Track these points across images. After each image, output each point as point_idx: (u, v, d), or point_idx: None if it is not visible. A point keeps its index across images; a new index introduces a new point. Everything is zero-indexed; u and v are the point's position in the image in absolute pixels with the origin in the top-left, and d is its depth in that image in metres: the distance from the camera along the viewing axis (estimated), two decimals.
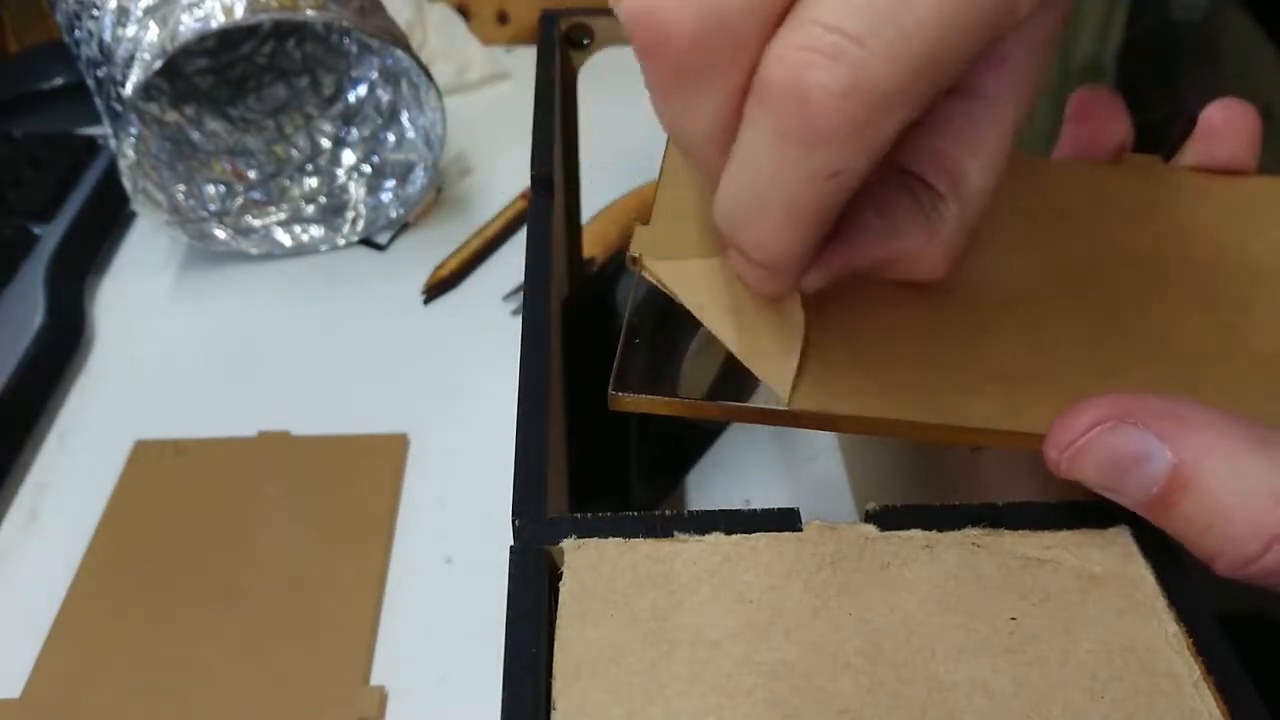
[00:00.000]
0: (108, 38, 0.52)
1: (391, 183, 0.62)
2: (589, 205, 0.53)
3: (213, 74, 0.64)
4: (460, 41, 0.76)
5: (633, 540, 0.20)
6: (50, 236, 0.57)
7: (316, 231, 0.61)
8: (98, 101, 0.55)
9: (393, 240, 0.62)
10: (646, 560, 0.20)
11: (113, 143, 0.53)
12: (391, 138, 0.63)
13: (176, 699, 0.38)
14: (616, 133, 0.53)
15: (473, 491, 0.47)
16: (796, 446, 0.49)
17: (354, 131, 0.64)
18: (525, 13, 0.83)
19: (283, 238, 0.61)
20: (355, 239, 0.62)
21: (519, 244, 0.62)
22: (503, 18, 0.83)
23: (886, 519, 0.21)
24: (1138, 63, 0.46)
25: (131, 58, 0.51)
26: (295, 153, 0.63)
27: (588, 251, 0.53)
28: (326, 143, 0.64)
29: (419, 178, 0.61)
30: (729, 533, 0.21)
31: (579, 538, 0.20)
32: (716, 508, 0.22)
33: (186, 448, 0.48)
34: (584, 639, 0.19)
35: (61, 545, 0.44)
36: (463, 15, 0.79)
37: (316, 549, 0.44)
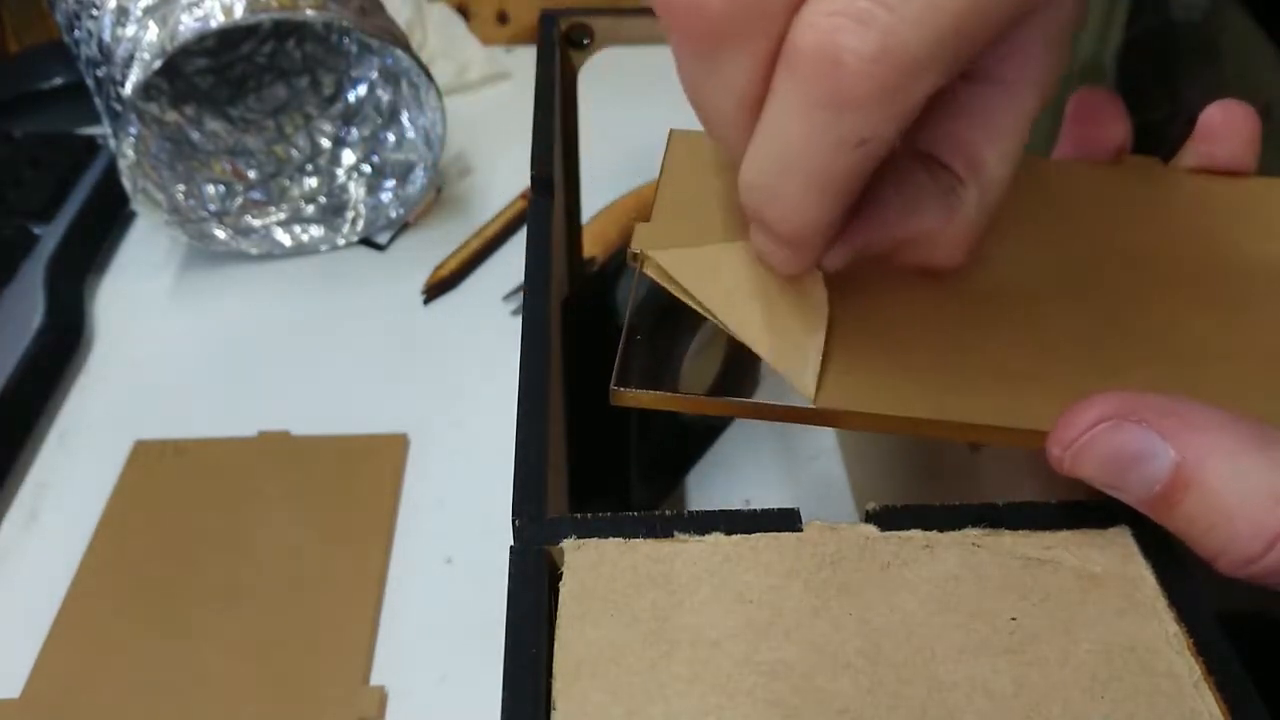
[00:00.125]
0: (107, 37, 0.52)
1: (391, 183, 0.62)
2: (589, 205, 0.53)
3: (213, 74, 0.64)
4: (460, 41, 0.76)
5: (633, 540, 0.20)
6: (50, 236, 0.57)
7: (316, 231, 0.61)
8: (97, 101, 0.55)
9: (393, 240, 0.62)
10: (646, 560, 0.20)
11: (112, 143, 0.53)
12: (391, 138, 0.63)
13: (176, 699, 0.38)
14: (616, 133, 0.53)
15: (473, 491, 0.47)
16: (796, 446, 0.49)
17: (354, 131, 0.64)
18: (525, 13, 0.83)
19: (283, 238, 0.61)
20: (355, 239, 0.62)
21: (519, 244, 0.62)
22: (503, 18, 0.83)
23: (886, 519, 0.21)
24: (1138, 63, 0.46)
25: (131, 57, 0.51)
26: (295, 153, 0.63)
27: (588, 251, 0.53)
28: (326, 143, 0.64)
29: (419, 178, 0.61)
30: (729, 533, 0.21)
31: (579, 538, 0.20)
32: (716, 508, 0.22)
33: (186, 448, 0.48)
34: (584, 639, 0.19)
35: (61, 545, 0.44)
36: (463, 15, 0.79)
37: (316, 549, 0.44)
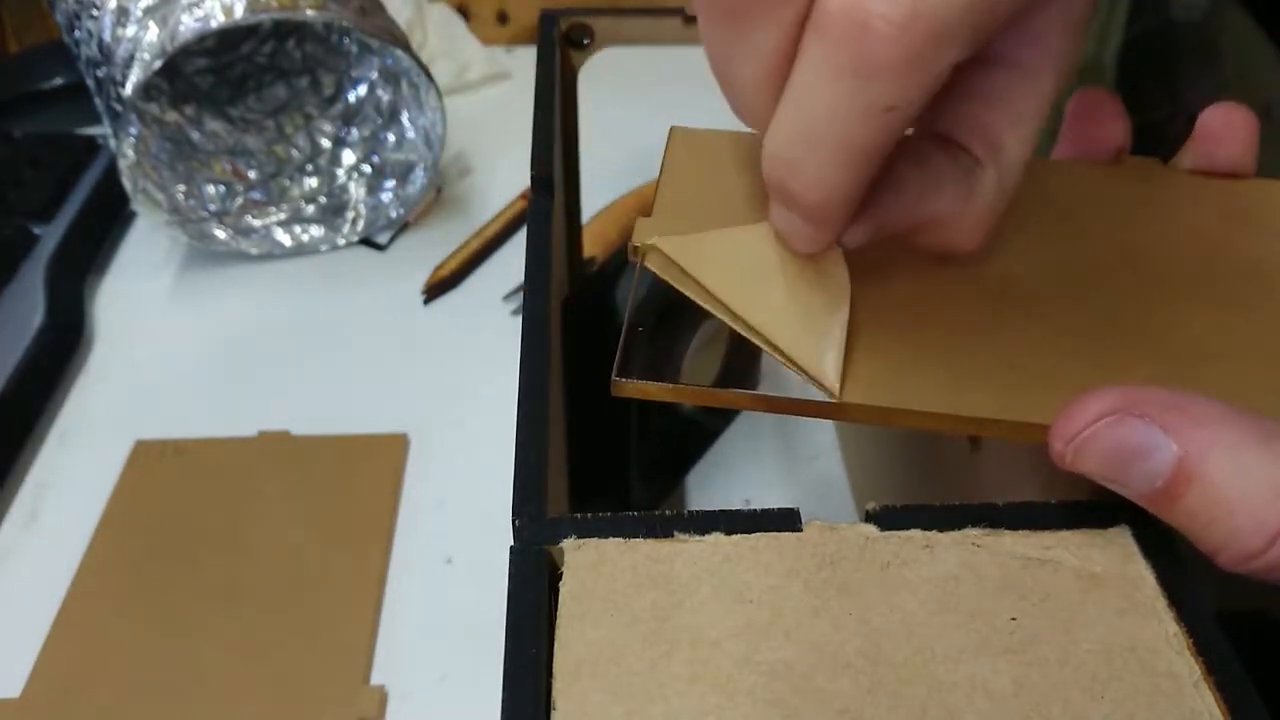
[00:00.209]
0: (107, 38, 0.52)
1: (391, 183, 0.62)
2: (589, 205, 0.53)
3: (213, 74, 0.64)
4: (460, 41, 0.76)
5: (633, 540, 0.20)
6: (50, 236, 0.57)
7: (316, 231, 0.61)
8: (98, 101, 0.55)
9: (393, 240, 0.62)
10: (646, 560, 0.20)
11: (113, 143, 0.53)
12: (391, 138, 0.63)
13: (176, 699, 0.38)
14: (616, 133, 0.53)
15: (473, 491, 0.47)
16: (796, 446, 0.49)
17: (354, 131, 0.64)
18: (525, 13, 0.83)
19: (283, 238, 0.61)
20: (355, 239, 0.62)
21: (519, 244, 0.62)
22: (503, 18, 0.83)
23: (886, 519, 0.21)
24: (1138, 63, 0.46)
25: (131, 58, 0.51)
26: (295, 153, 0.63)
27: (588, 251, 0.53)
28: (326, 143, 0.64)
29: (419, 178, 0.61)
30: (729, 533, 0.21)
31: (579, 538, 0.20)
32: (716, 508, 0.22)
33: (186, 448, 0.48)
34: (584, 639, 0.19)
35: (61, 545, 0.44)
36: (463, 15, 0.79)
37: (316, 549, 0.44)
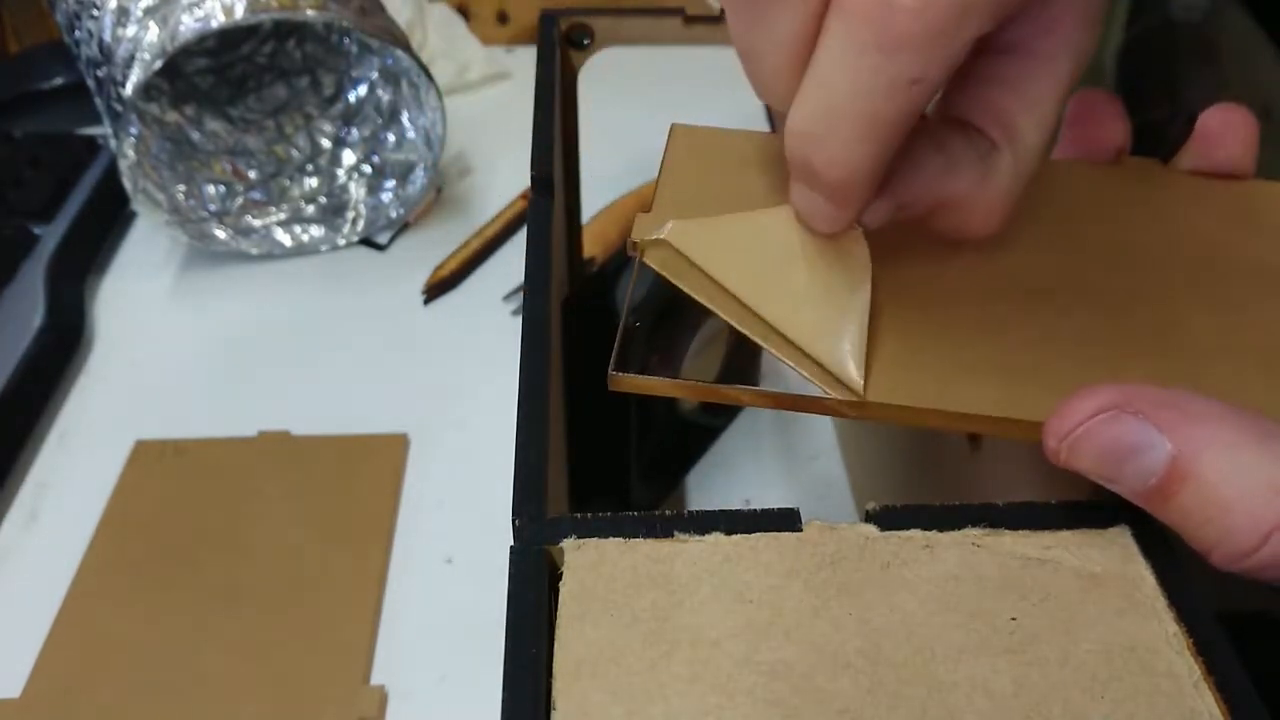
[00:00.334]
0: (108, 38, 0.52)
1: (391, 183, 0.62)
2: (589, 205, 0.53)
3: (213, 74, 0.64)
4: (460, 41, 0.76)
5: (633, 540, 0.20)
6: (50, 236, 0.57)
7: (316, 231, 0.61)
8: (98, 101, 0.55)
9: (393, 240, 0.62)
10: (646, 560, 0.20)
11: (113, 143, 0.53)
12: (391, 138, 0.63)
13: (176, 699, 0.38)
14: (616, 133, 0.53)
15: (473, 491, 0.47)
16: (796, 446, 0.49)
17: (354, 131, 0.64)
18: (525, 13, 0.83)
19: (283, 238, 0.61)
20: (355, 239, 0.62)
21: (519, 244, 0.62)
22: (503, 18, 0.83)
23: (886, 519, 0.21)
24: (1138, 63, 0.46)
25: (131, 58, 0.51)
26: (295, 153, 0.63)
27: (588, 251, 0.53)
28: (326, 143, 0.64)
29: (419, 178, 0.61)
30: (729, 533, 0.21)
31: (579, 538, 0.20)
32: (716, 508, 0.22)
33: (186, 448, 0.48)
34: (584, 639, 0.19)
35: (61, 545, 0.44)
36: (463, 15, 0.79)
37: (316, 549, 0.44)
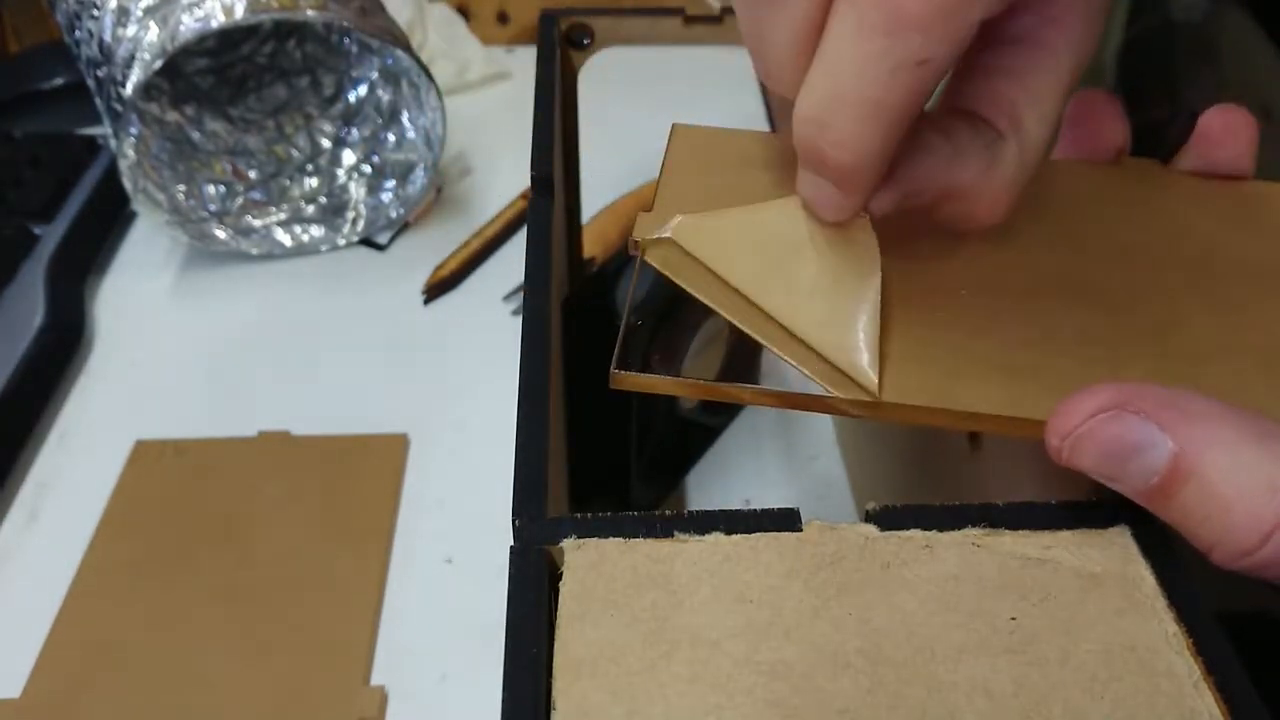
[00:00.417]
0: (108, 38, 0.52)
1: (391, 183, 0.62)
2: (589, 205, 0.53)
3: (213, 74, 0.64)
4: (460, 41, 0.76)
5: (633, 540, 0.20)
6: (50, 236, 0.57)
7: (316, 231, 0.61)
8: (98, 101, 0.55)
9: (393, 240, 0.62)
10: (646, 560, 0.20)
11: (113, 143, 0.53)
12: (391, 138, 0.63)
13: (176, 699, 0.38)
14: (616, 133, 0.53)
15: (473, 491, 0.47)
16: (796, 446, 0.49)
17: (354, 131, 0.64)
18: (525, 13, 0.83)
19: (283, 238, 0.61)
20: (355, 239, 0.62)
21: (519, 244, 0.62)
22: (503, 18, 0.83)
23: (886, 519, 0.21)
24: (1138, 63, 0.46)
25: (132, 58, 0.51)
26: (295, 153, 0.63)
27: (588, 251, 0.53)
28: (326, 143, 0.64)
29: (419, 178, 0.61)
30: (729, 533, 0.21)
31: (579, 538, 0.20)
32: (716, 508, 0.22)
33: (186, 448, 0.48)
34: (584, 639, 0.19)
35: (61, 545, 0.44)
36: (463, 15, 0.79)
37: (316, 549, 0.44)
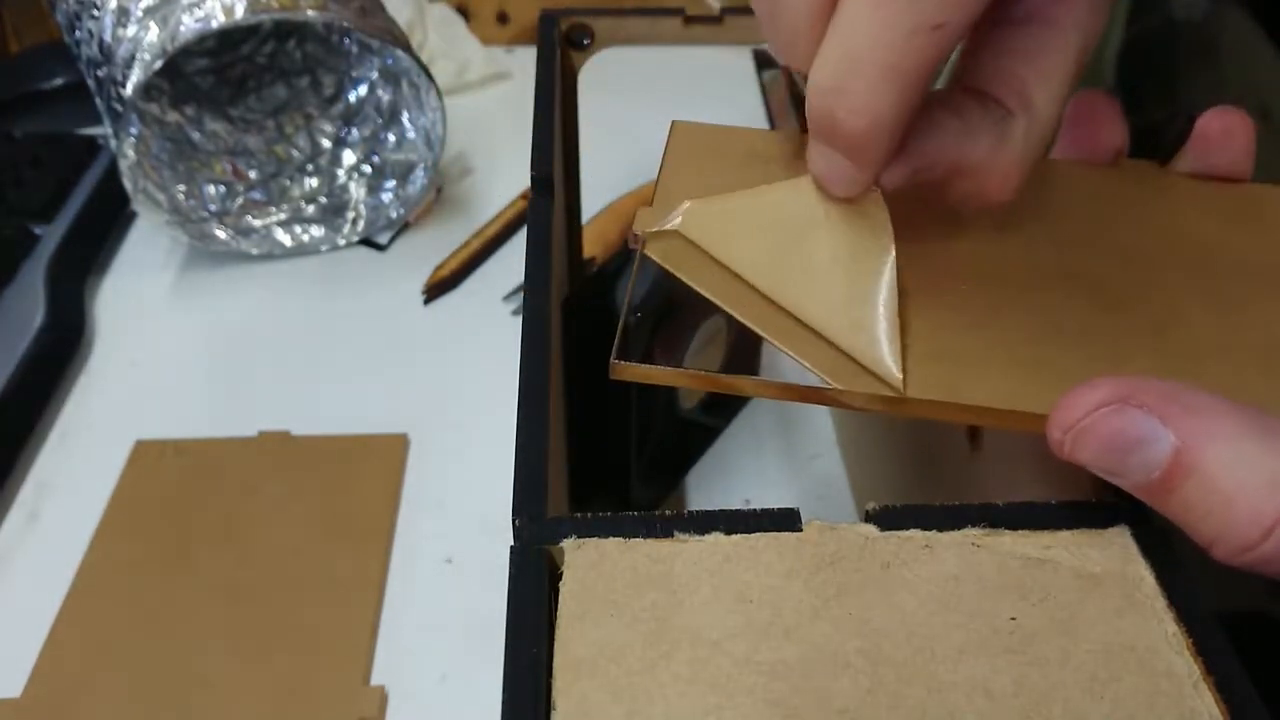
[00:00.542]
0: (108, 38, 0.52)
1: (392, 183, 0.62)
2: (589, 205, 0.53)
3: (213, 74, 0.64)
4: (460, 41, 0.76)
5: (633, 540, 0.20)
6: (50, 236, 0.57)
7: (317, 231, 0.61)
8: (98, 101, 0.55)
9: (393, 240, 0.62)
10: (646, 560, 0.20)
11: (113, 143, 0.53)
12: (392, 138, 0.63)
13: (176, 699, 0.38)
14: (616, 133, 0.53)
15: (473, 491, 0.47)
16: (796, 446, 0.49)
17: (354, 131, 0.64)
18: (525, 13, 0.83)
19: (283, 238, 0.61)
20: (355, 239, 0.62)
21: (519, 244, 0.62)
22: (503, 18, 0.83)
23: (886, 519, 0.21)
24: (1138, 63, 0.46)
25: (132, 58, 0.51)
26: (295, 153, 0.63)
27: (588, 251, 0.53)
28: (327, 143, 0.64)
29: (419, 178, 0.61)
30: (729, 533, 0.21)
31: (579, 538, 0.20)
32: (716, 508, 0.22)
33: (186, 448, 0.48)
34: (584, 639, 0.19)
35: (61, 545, 0.44)
36: (463, 15, 0.79)
37: (316, 549, 0.44)
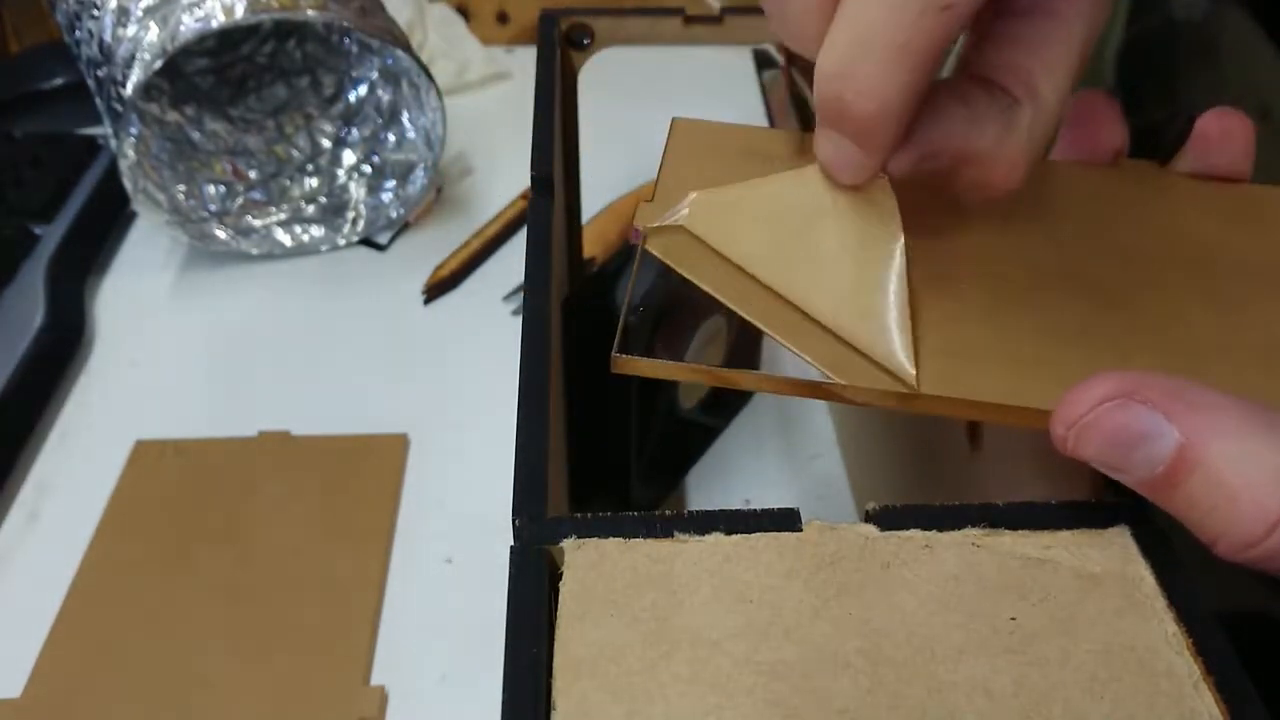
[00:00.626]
0: (108, 38, 0.52)
1: (392, 183, 0.62)
2: (589, 205, 0.53)
3: (213, 74, 0.64)
4: (460, 41, 0.76)
5: (633, 540, 0.20)
6: (50, 236, 0.57)
7: (317, 231, 0.61)
8: (98, 101, 0.55)
9: (393, 240, 0.62)
10: (646, 560, 0.20)
11: (113, 143, 0.53)
12: (392, 138, 0.63)
13: (176, 699, 0.38)
14: (616, 133, 0.53)
15: (473, 491, 0.47)
16: (796, 446, 0.49)
17: (354, 131, 0.64)
18: (525, 13, 0.83)
19: (283, 238, 0.61)
20: (355, 239, 0.62)
21: (519, 244, 0.62)
22: (503, 18, 0.83)
23: (886, 519, 0.21)
24: (1138, 63, 0.46)
25: (132, 58, 0.51)
26: (295, 153, 0.63)
27: (588, 251, 0.53)
28: (327, 143, 0.64)
29: (419, 178, 0.61)
30: (729, 533, 0.21)
31: (579, 538, 0.20)
32: (716, 508, 0.22)
33: (186, 448, 0.48)
34: (584, 639, 0.19)
35: (61, 545, 0.44)
36: (463, 15, 0.79)
37: (316, 549, 0.44)
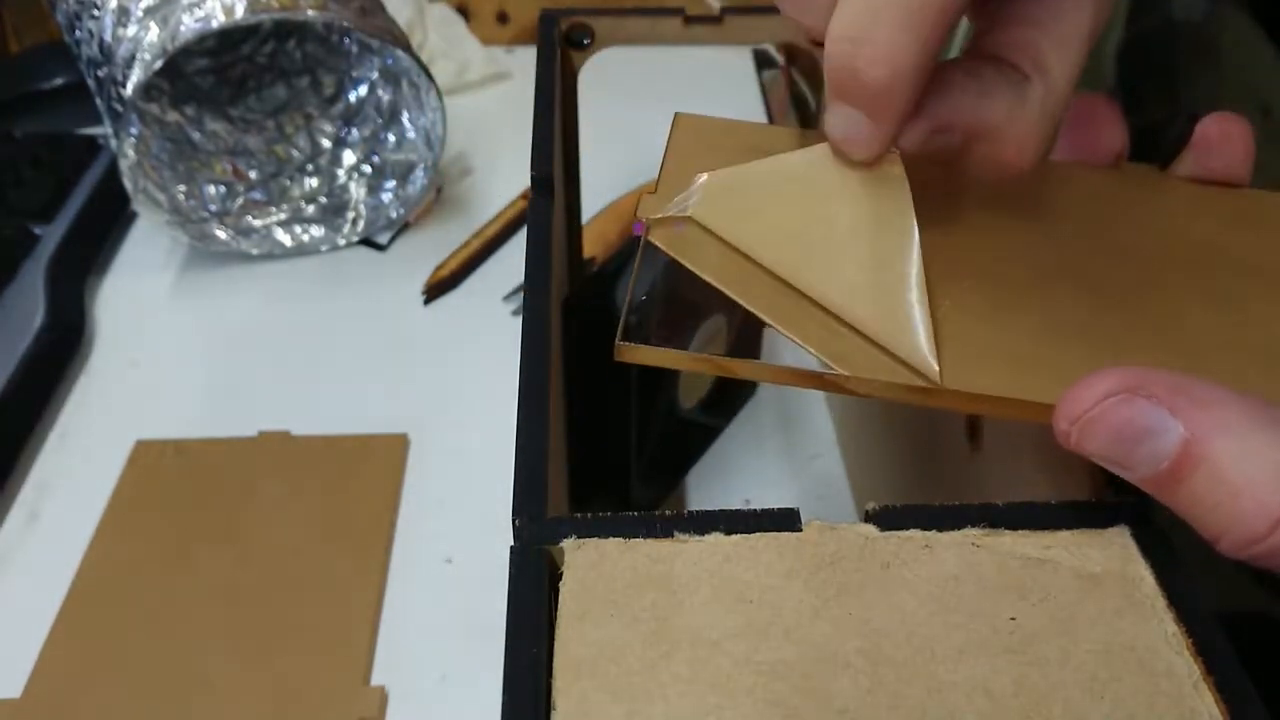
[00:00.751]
0: (108, 38, 0.52)
1: (392, 183, 0.62)
2: (589, 205, 0.53)
3: (213, 74, 0.64)
4: (460, 41, 0.76)
5: (633, 540, 0.20)
6: (51, 236, 0.57)
7: (317, 231, 0.61)
8: (98, 101, 0.55)
9: (393, 240, 0.62)
10: (646, 560, 0.20)
11: (113, 143, 0.53)
12: (392, 138, 0.63)
13: (176, 699, 0.38)
14: (616, 133, 0.53)
15: (473, 491, 0.47)
16: (796, 446, 0.49)
17: (354, 131, 0.64)
18: (525, 13, 0.83)
19: (283, 238, 0.61)
20: (355, 239, 0.62)
21: (519, 244, 0.62)
22: (503, 18, 0.83)
23: (886, 519, 0.21)
24: (1138, 63, 0.46)
25: (132, 58, 0.51)
26: (295, 153, 0.63)
27: (588, 251, 0.53)
28: (327, 143, 0.64)
29: (419, 178, 0.62)
30: (729, 533, 0.21)
31: (579, 538, 0.20)
32: (716, 508, 0.22)
33: (186, 448, 0.48)
34: (584, 639, 0.19)
35: (61, 545, 0.44)
36: (463, 15, 0.79)
37: (316, 549, 0.44)
